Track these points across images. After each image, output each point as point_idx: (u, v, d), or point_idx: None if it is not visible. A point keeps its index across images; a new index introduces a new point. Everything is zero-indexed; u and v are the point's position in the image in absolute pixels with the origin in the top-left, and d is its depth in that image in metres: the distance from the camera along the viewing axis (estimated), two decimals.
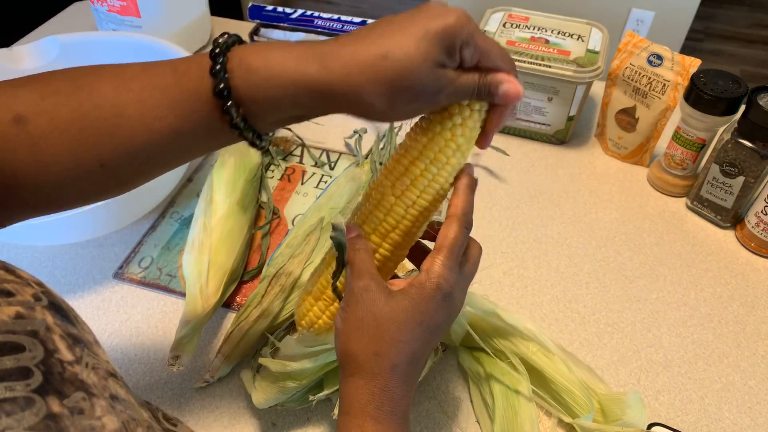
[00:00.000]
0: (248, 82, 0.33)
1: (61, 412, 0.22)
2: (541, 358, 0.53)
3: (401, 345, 0.37)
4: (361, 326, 0.37)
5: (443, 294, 0.38)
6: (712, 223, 0.73)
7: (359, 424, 0.36)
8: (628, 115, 0.77)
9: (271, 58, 0.33)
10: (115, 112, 0.34)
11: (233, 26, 1.08)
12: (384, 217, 0.40)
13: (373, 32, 0.34)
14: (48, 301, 0.27)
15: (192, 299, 0.58)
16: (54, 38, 0.77)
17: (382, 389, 0.37)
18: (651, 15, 1.81)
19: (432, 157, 0.39)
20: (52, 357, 0.24)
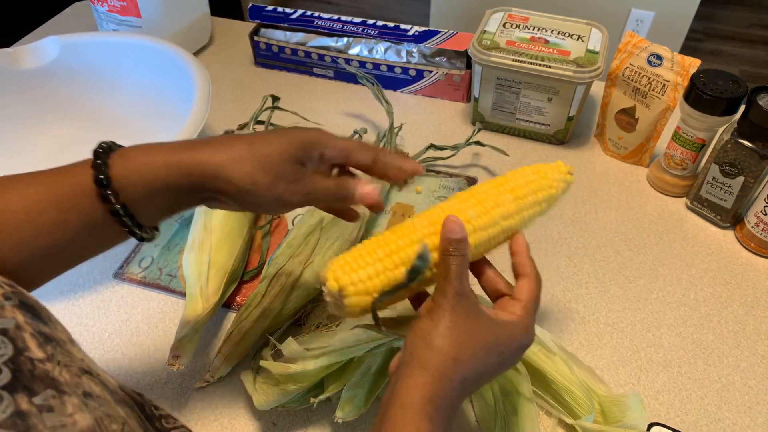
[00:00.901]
0: (126, 169, 0.37)
1: (30, 409, 0.22)
2: (542, 359, 0.53)
3: (478, 363, 0.38)
4: (451, 327, 0.38)
5: (523, 345, 0.41)
6: (712, 223, 0.73)
7: (416, 421, 0.36)
8: (627, 115, 0.77)
9: (147, 148, 0.39)
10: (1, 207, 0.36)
11: (233, 26, 1.08)
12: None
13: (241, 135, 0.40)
14: (18, 300, 0.27)
15: (192, 299, 0.58)
16: (54, 38, 0.77)
17: (446, 394, 0.37)
18: (651, 15, 1.81)
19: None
20: (22, 355, 0.24)
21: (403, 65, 0.89)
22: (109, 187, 0.37)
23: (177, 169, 0.38)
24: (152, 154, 0.38)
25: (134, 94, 0.81)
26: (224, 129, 0.85)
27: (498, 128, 0.85)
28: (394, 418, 0.36)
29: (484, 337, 0.38)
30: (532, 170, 0.47)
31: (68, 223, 0.37)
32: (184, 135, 0.63)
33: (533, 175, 0.47)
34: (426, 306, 0.40)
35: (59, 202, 0.37)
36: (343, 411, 0.49)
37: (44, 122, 0.80)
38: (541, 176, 0.47)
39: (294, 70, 0.97)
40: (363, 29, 0.90)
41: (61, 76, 0.78)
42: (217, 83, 0.94)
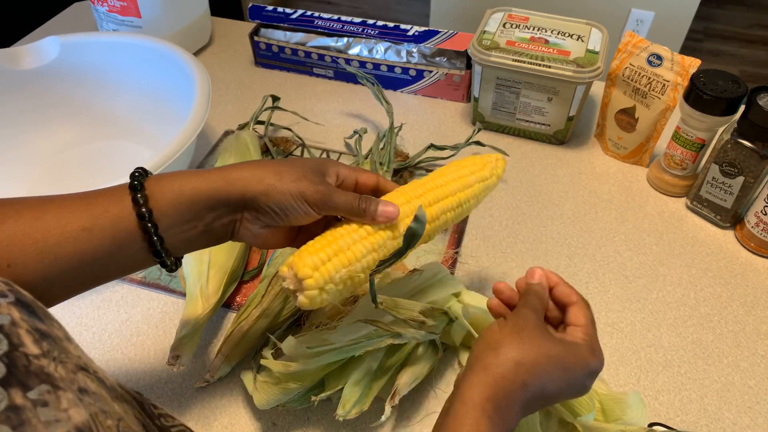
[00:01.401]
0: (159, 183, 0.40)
1: (24, 404, 0.22)
2: None
3: (541, 371, 0.39)
4: (519, 336, 0.40)
5: (592, 369, 0.42)
6: (712, 223, 0.73)
7: (476, 417, 0.37)
8: (627, 115, 0.77)
9: (179, 173, 0.41)
10: (34, 215, 0.37)
11: (233, 26, 1.08)
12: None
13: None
14: (15, 297, 0.27)
15: (192, 299, 0.58)
16: (54, 38, 0.77)
17: (507, 396, 0.38)
18: (651, 15, 1.81)
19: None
20: (17, 350, 0.24)
21: (403, 65, 0.89)
22: (141, 192, 0.39)
23: (206, 186, 0.40)
24: (185, 173, 0.41)
25: (134, 94, 0.81)
26: (224, 129, 0.86)
27: (498, 128, 0.85)
28: (455, 413, 0.38)
29: (549, 350, 0.40)
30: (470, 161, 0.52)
31: (95, 230, 0.38)
32: (184, 135, 0.63)
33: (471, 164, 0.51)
34: (499, 320, 0.43)
35: (90, 209, 0.38)
36: (344, 409, 0.49)
37: (44, 122, 0.80)
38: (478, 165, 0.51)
39: (294, 70, 0.97)
40: (363, 29, 0.90)
41: (61, 76, 0.78)
42: (217, 83, 0.94)
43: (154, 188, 0.39)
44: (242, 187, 0.40)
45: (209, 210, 0.41)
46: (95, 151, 0.80)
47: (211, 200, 0.40)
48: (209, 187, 0.40)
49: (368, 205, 0.43)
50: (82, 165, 0.78)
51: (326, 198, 0.42)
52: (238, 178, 0.41)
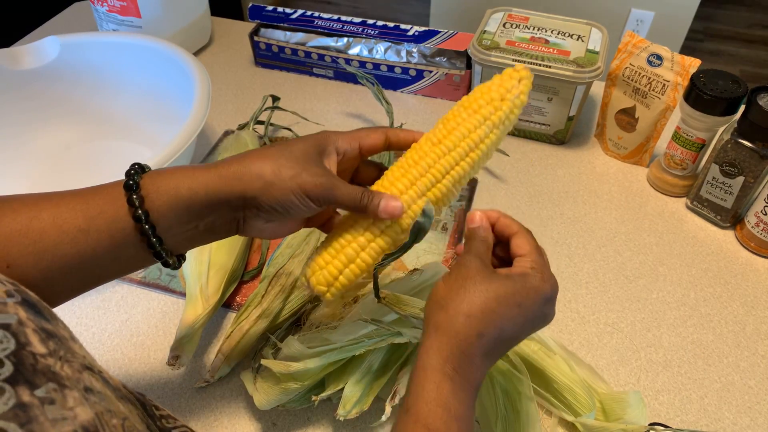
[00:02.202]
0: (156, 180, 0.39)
1: (31, 401, 0.22)
2: (543, 358, 0.53)
3: (494, 316, 0.38)
4: (463, 287, 0.39)
5: (547, 294, 0.40)
6: (712, 223, 0.73)
7: (436, 381, 0.36)
8: (627, 115, 0.77)
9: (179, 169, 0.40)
10: (31, 215, 0.37)
11: (233, 26, 1.08)
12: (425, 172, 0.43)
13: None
14: (21, 298, 0.27)
15: (192, 299, 0.58)
16: (54, 38, 0.77)
17: (464, 352, 0.37)
18: (651, 15, 1.81)
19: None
20: (24, 349, 0.24)
21: (403, 65, 0.89)
22: (136, 192, 0.38)
23: (203, 187, 0.39)
24: (182, 172, 0.40)
25: (134, 94, 0.81)
26: (224, 129, 0.86)
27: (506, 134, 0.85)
28: (416, 381, 0.37)
29: (497, 291, 0.38)
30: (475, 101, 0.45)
31: (91, 231, 0.37)
32: (184, 135, 0.63)
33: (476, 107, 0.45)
34: (443, 275, 0.41)
35: (87, 209, 0.38)
36: (345, 409, 0.49)
37: (44, 122, 0.80)
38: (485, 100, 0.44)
39: (294, 70, 0.97)
40: (363, 29, 0.90)
41: (60, 76, 0.78)
42: (217, 83, 0.94)
43: (149, 188, 0.38)
44: (240, 188, 0.39)
45: (209, 211, 0.40)
46: (95, 150, 0.80)
47: (210, 201, 0.39)
48: (207, 188, 0.39)
49: (371, 201, 0.42)
50: (82, 165, 0.78)
51: (328, 193, 0.41)
52: (235, 177, 0.39)
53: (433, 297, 0.40)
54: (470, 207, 0.74)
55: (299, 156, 0.41)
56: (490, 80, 0.45)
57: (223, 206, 0.40)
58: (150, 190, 0.38)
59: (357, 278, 0.43)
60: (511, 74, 0.44)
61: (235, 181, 0.39)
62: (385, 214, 0.42)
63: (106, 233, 0.38)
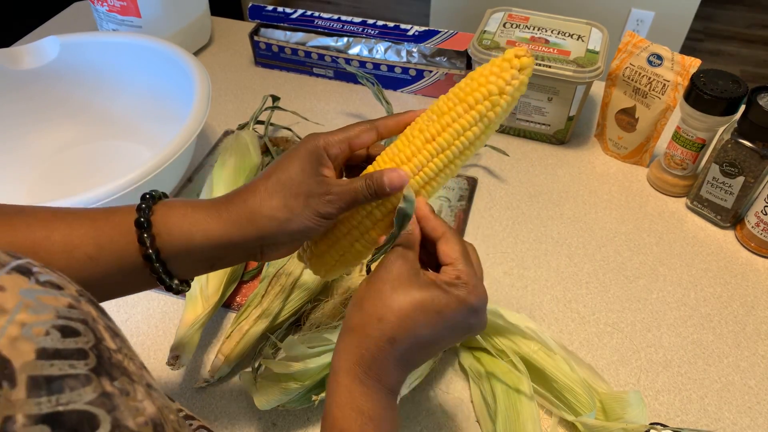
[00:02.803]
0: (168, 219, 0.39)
1: (113, 391, 0.24)
2: (543, 357, 0.53)
3: (408, 322, 0.37)
4: (381, 289, 0.38)
5: (473, 306, 0.38)
6: (712, 223, 0.73)
7: (347, 384, 0.36)
8: (628, 115, 0.77)
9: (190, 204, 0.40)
10: (44, 234, 0.37)
11: (233, 26, 1.08)
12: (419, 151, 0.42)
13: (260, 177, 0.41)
14: (88, 297, 0.29)
15: (192, 299, 0.58)
16: (54, 38, 0.77)
17: (374, 356, 0.36)
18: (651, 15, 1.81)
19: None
20: (101, 344, 0.25)
21: (403, 65, 0.89)
22: (147, 231, 0.38)
23: (218, 233, 0.39)
24: (193, 215, 0.39)
25: (134, 94, 0.81)
26: (224, 129, 0.86)
27: (498, 128, 0.85)
28: (330, 384, 0.37)
29: (415, 297, 0.37)
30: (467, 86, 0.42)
31: (101, 260, 0.37)
32: (184, 135, 0.63)
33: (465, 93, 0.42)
34: (367, 276, 0.40)
35: (98, 237, 0.38)
36: None
37: (44, 122, 0.80)
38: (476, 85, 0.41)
39: (294, 70, 0.96)
40: (363, 29, 0.90)
41: (60, 76, 0.78)
42: (217, 83, 0.94)
43: (161, 228, 0.38)
44: (255, 232, 0.39)
45: (225, 253, 0.40)
46: (95, 150, 0.80)
47: (225, 246, 0.39)
48: (221, 235, 0.39)
49: (377, 184, 0.40)
50: (82, 165, 0.78)
51: (341, 205, 0.40)
52: (249, 221, 0.39)
53: (354, 297, 0.39)
54: (470, 207, 0.74)
55: (301, 180, 0.40)
56: (488, 64, 0.41)
57: (239, 248, 0.40)
58: (161, 230, 0.38)
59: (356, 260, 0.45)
60: (512, 62, 0.40)
61: (249, 226, 0.39)
62: (393, 188, 0.40)
63: (115, 263, 0.38)
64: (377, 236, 0.44)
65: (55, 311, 0.24)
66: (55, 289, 0.26)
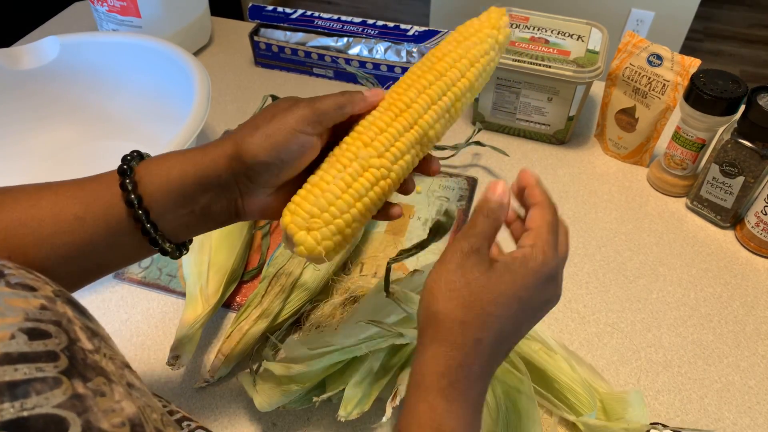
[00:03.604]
0: (149, 166, 0.39)
1: (86, 393, 0.23)
2: (544, 357, 0.53)
3: (491, 318, 0.35)
4: (454, 288, 0.35)
5: (547, 275, 0.36)
6: (712, 223, 0.73)
7: (429, 401, 0.33)
8: (627, 115, 0.77)
9: (173, 153, 0.40)
10: (30, 203, 0.37)
11: (233, 26, 1.08)
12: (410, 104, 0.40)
13: None
14: (65, 297, 0.28)
15: (192, 299, 0.58)
16: (54, 38, 0.77)
17: (461, 363, 0.34)
18: (651, 15, 1.81)
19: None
20: (75, 345, 0.25)
21: (404, 65, 0.89)
22: (129, 177, 0.37)
23: (193, 168, 0.38)
24: (174, 155, 0.39)
25: (134, 94, 0.81)
26: (224, 129, 0.86)
27: (498, 128, 0.85)
28: (409, 401, 0.34)
29: (494, 289, 0.35)
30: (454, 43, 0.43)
31: (87, 219, 0.37)
32: (184, 135, 0.63)
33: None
34: (431, 275, 0.37)
35: (84, 197, 0.38)
36: (346, 410, 0.49)
37: (44, 122, 0.80)
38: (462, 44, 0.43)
39: (294, 70, 0.96)
40: (363, 29, 0.90)
41: (60, 76, 0.78)
42: (217, 83, 0.94)
43: (142, 173, 0.38)
44: (226, 159, 0.38)
45: (201, 192, 0.39)
46: (95, 150, 0.80)
47: (201, 182, 0.38)
48: (196, 169, 0.38)
49: (356, 95, 0.40)
50: (82, 165, 0.78)
51: (317, 118, 0.38)
52: (223, 150, 0.38)
53: (422, 301, 0.36)
54: (470, 207, 0.74)
55: (273, 113, 0.39)
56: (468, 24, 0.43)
57: (214, 187, 0.39)
58: (143, 174, 0.38)
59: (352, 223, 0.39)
60: (491, 17, 0.43)
61: (222, 155, 0.38)
62: (375, 99, 0.40)
63: (102, 220, 0.37)
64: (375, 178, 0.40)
65: (24, 314, 0.24)
66: (26, 291, 0.25)
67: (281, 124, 0.38)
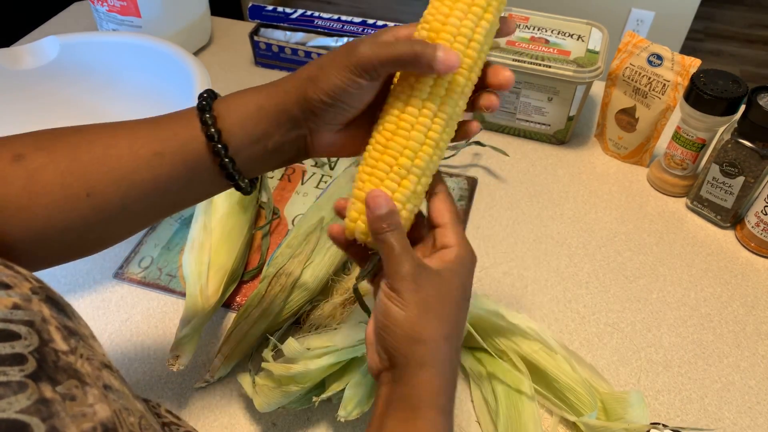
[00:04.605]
0: (227, 102, 0.40)
1: (53, 397, 0.23)
2: (544, 357, 0.53)
3: (460, 324, 0.37)
4: (427, 309, 0.35)
5: (473, 264, 0.39)
6: (712, 223, 0.73)
7: (431, 418, 0.34)
8: (628, 115, 0.77)
9: (242, 100, 0.40)
10: (107, 143, 0.38)
11: (233, 26, 1.08)
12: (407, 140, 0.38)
13: None
14: (45, 295, 0.28)
15: (192, 299, 0.58)
16: (54, 38, 0.77)
17: (451, 378, 0.36)
18: (651, 15, 1.81)
19: None
20: (47, 346, 0.24)
21: None
22: (209, 112, 0.38)
23: (267, 101, 0.39)
24: (251, 90, 0.40)
25: (134, 94, 0.80)
26: None
27: (498, 128, 0.85)
28: (401, 421, 0.35)
29: (453, 295, 0.37)
30: None
31: (166, 155, 0.37)
32: None
33: None
34: (387, 297, 0.36)
35: (161, 133, 0.38)
36: (346, 410, 0.49)
37: (44, 122, 0.79)
38: None
39: (294, 69, 0.96)
40: (363, 29, 0.90)
41: (60, 76, 0.78)
42: (217, 83, 0.94)
43: (221, 108, 0.38)
44: (296, 95, 0.38)
45: (275, 126, 0.39)
46: None
47: (275, 115, 0.38)
48: (270, 102, 0.38)
49: (429, 48, 0.37)
50: None
51: (380, 54, 0.36)
52: (294, 86, 0.38)
53: (398, 330, 0.36)
54: (470, 207, 0.74)
55: (343, 50, 0.38)
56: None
57: (285, 120, 0.38)
58: (221, 109, 0.38)
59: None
60: None
61: (292, 92, 0.38)
62: (444, 66, 0.36)
63: (180, 156, 0.38)
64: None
65: None
66: (1, 288, 0.25)
67: (341, 66, 0.36)
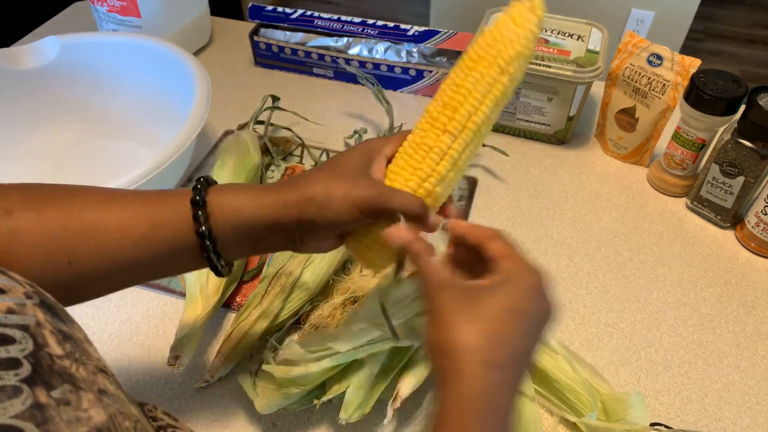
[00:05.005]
0: (221, 198, 0.40)
1: (48, 402, 0.23)
2: (545, 358, 0.53)
3: (499, 339, 0.34)
4: (452, 324, 0.34)
5: (534, 283, 0.36)
6: (712, 223, 0.73)
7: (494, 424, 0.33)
8: (628, 115, 0.77)
9: (242, 186, 0.42)
10: (97, 215, 0.38)
11: (233, 26, 1.08)
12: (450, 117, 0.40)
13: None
14: (39, 299, 0.28)
15: (192, 299, 0.58)
16: (54, 38, 0.77)
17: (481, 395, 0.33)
18: (651, 15, 1.81)
19: None
20: (42, 350, 0.24)
21: (403, 65, 0.89)
22: (203, 209, 0.39)
23: (263, 212, 0.40)
24: (246, 193, 0.41)
25: (134, 94, 0.81)
26: (224, 129, 0.85)
27: (498, 128, 0.85)
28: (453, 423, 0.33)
29: (489, 309, 0.34)
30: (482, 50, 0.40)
31: (155, 240, 0.39)
32: (184, 135, 0.63)
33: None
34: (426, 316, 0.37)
35: (152, 218, 0.39)
36: (347, 413, 0.49)
37: (44, 122, 0.80)
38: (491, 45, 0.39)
39: (294, 70, 0.96)
40: (363, 29, 0.90)
41: (60, 76, 0.78)
42: (217, 83, 0.94)
43: (214, 206, 0.39)
44: (296, 214, 0.40)
45: (267, 234, 0.41)
46: (95, 151, 0.80)
47: (269, 226, 0.40)
48: (266, 214, 0.40)
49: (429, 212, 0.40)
50: (81, 165, 0.78)
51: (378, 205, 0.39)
52: (292, 204, 0.40)
53: (431, 347, 0.36)
54: (471, 207, 0.74)
55: (347, 173, 0.40)
56: (496, 30, 0.39)
57: (279, 231, 0.41)
58: (215, 208, 0.39)
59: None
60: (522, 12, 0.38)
61: (293, 207, 0.40)
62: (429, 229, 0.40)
63: (168, 243, 0.39)
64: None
65: None
66: None
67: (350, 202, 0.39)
